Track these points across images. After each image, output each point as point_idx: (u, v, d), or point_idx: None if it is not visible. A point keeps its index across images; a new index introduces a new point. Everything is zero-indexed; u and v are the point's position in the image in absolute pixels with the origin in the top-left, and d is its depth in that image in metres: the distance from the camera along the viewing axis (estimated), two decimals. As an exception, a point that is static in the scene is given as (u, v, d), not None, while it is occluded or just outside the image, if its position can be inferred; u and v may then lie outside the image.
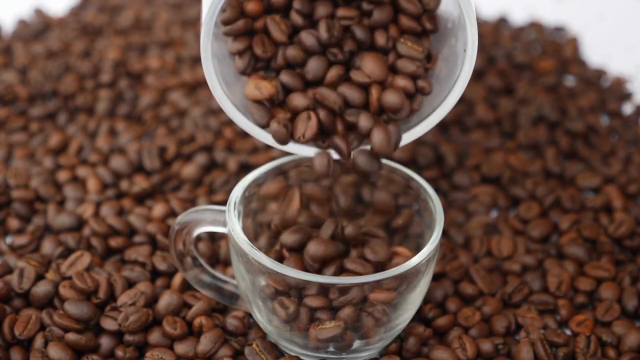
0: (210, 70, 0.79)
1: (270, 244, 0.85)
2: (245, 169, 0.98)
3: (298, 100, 0.80)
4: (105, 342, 0.82)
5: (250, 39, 0.80)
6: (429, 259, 0.78)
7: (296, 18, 0.80)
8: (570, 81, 1.16)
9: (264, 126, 0.81)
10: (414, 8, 0.80)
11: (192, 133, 1.03)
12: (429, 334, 0.83)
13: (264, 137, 0.83)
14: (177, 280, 0.86)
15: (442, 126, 1.05)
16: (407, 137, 0.83)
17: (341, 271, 0.81)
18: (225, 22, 0.79)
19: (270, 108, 0.81)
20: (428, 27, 0.80)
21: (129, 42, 1.17)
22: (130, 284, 0.86)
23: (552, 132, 1.05)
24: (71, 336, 0.81)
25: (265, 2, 0.80)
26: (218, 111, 1.06)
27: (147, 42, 1.18)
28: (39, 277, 0.86)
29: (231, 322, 0.83)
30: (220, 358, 0.81)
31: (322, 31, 0.79)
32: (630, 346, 0.83)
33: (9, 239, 0.93)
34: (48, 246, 0.90)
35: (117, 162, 0.99)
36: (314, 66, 0.80)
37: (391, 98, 0.79)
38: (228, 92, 0.81)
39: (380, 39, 0.80)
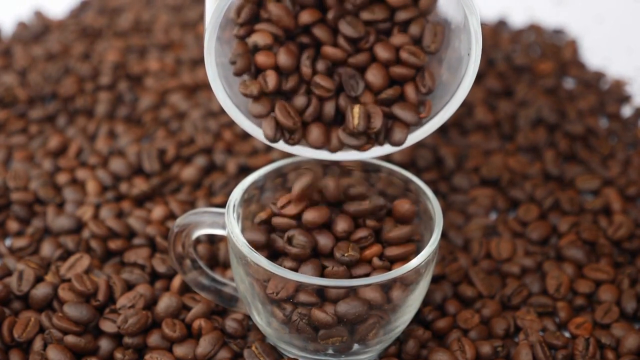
0: (213, 70, 0.79)
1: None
2: (244, 171, 0.98)
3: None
4: (104, 344, 0.82)
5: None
6: (428, 261, 0.78)
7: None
8: (569, 83, 1.16)
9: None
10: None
11: (191, 135, 1.03)
12: (428, 337, 0.83)
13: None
14: (176, 282, 0.86)
15: (442, 128, 1.05)
16: (409, 140, 0.82)
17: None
18: (237, 73, 0.79)
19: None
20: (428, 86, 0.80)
21: (128, 44, 1.17)
22: (129, 287, 0.86)
23: (552, 134, 1.05)
24: (70, 338, 0.81)
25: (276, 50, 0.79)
26: (218, 113, 1.06)
27: (146, 44, 1.18)
28: (38, 280, 0.86)
29: (230, 324, 0.83)
30: (219, 360, 0.81)
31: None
32: (629, 348, 0.83)
33: (8, 241, 0.93)
34: (47, 248, 0.90)
35: (117, 165, 0.99)
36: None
37: None
38: (230, 92, 0.81)
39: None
